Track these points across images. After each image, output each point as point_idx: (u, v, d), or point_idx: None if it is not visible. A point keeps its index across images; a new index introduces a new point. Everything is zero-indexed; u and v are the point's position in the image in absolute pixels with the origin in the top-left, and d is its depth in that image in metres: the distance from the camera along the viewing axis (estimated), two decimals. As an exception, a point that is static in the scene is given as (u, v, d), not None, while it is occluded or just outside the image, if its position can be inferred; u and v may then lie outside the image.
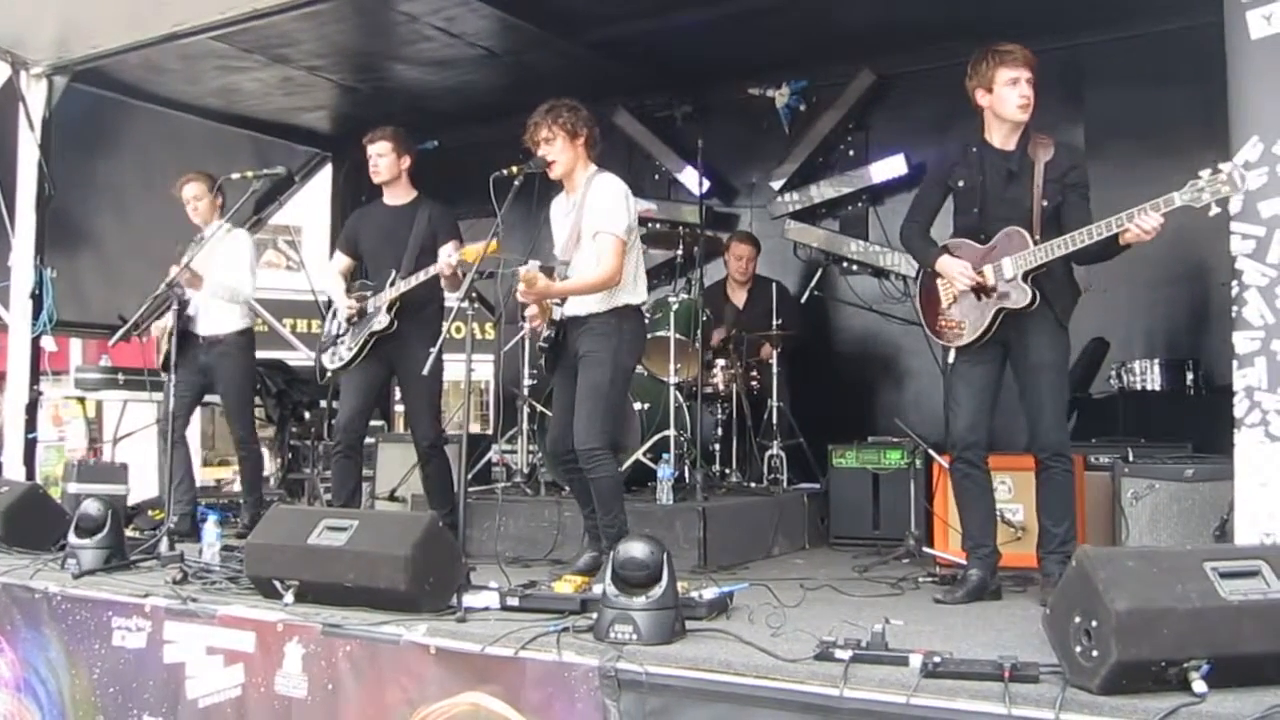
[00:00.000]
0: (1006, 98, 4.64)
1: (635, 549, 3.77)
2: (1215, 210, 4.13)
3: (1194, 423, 6.02)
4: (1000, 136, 4.75)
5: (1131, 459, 5.52)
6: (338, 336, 6.21)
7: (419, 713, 3.90)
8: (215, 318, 6.82)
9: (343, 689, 4.08)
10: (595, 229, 5.09)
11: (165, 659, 4.58)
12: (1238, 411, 4.12)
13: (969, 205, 4.80)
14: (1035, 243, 4.53)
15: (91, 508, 5.36)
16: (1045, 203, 4.60)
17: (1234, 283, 4.18)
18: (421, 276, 5.88)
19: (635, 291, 5.20)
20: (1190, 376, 6.76)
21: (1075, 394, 6.93)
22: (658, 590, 3.70)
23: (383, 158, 6.12)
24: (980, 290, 4.65)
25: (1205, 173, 4.10)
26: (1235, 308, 4.16)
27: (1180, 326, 7.06)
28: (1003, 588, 4.82)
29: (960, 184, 4.81)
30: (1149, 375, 6.83)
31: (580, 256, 5.17)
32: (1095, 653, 2.96)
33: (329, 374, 6.38)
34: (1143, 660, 2.91)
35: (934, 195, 4.96)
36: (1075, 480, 4.83)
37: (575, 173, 5.23)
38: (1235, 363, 4.15)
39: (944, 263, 4.75)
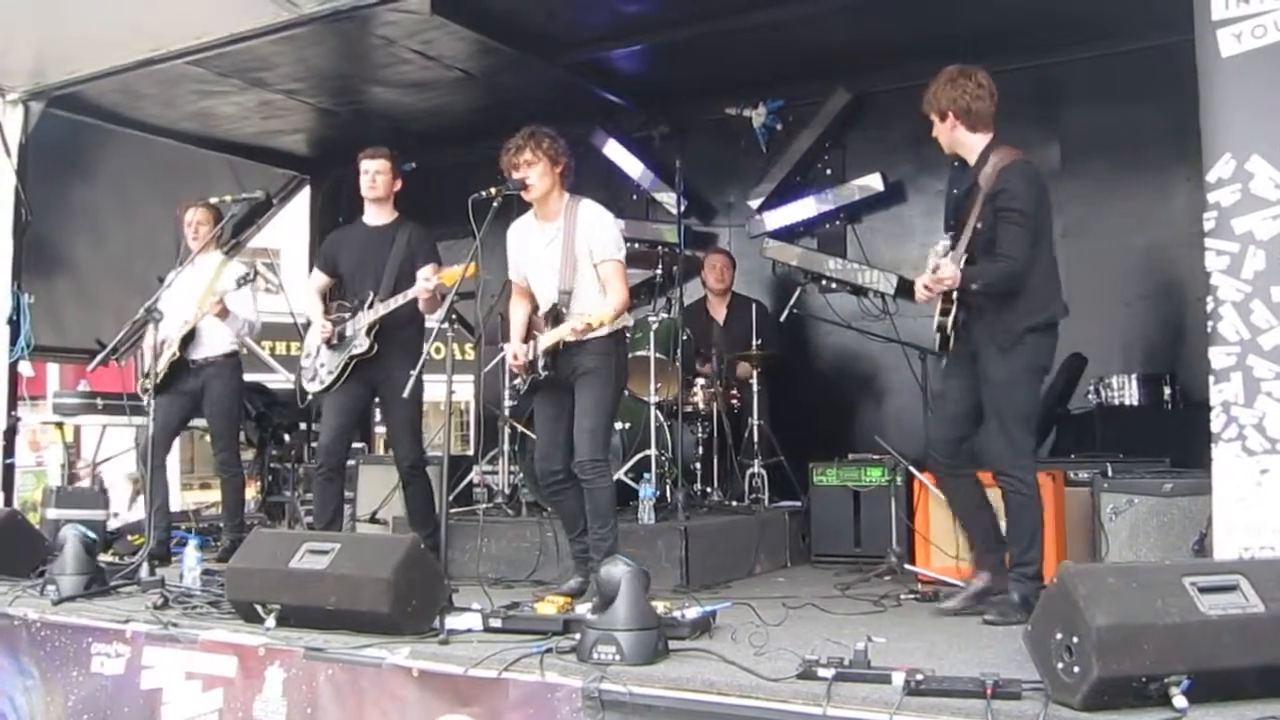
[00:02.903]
0: None
1: (616, 570, 3.78)
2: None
3: (1172, 437, 6.03)
4: (965, 156, 4.86)
5: (1110, 474, 5.54)
6: (316, 358, 6.20)
7: (400, 736, 3.88)
8: (207, 341, 6.82)
9: (322, 713, 4.06)
10: (599, 257, 5.15)
11: (142, 685, 4.55)
12: (1215, 426, 4.14)
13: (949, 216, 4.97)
14: (954, 263, 4.59)
15: (71, 533, 5.33)
16: (979, 225, 4.63)
17: (1209, 298, 4.20)
18: (400, 300, 5.88)
19: (626, 316, 5.27)
20: (1168, 391, 6.79)
21: (1054, 409, 6.97)
22: (638, 611, 3.70)
23: (381, 175, 6.14)
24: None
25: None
26: (1211, 323, 4.18)
27: (1157, 341, 7.10)
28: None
29: (953, 192, 4.97)
30: (1127, 390, 6.85)
31: (580, 283, 5.19)
32: (1076, 669, 2.98)
33: (310, 397, 6.36)
34: (1124, 676, 2.93)
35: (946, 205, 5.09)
36: (1030, 499, 4.69)
37: (551, 199, 5.25)
38: (1211, 378, 4.17)
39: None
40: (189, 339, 6.75)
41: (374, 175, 6.14)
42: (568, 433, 5.20)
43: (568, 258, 5.20)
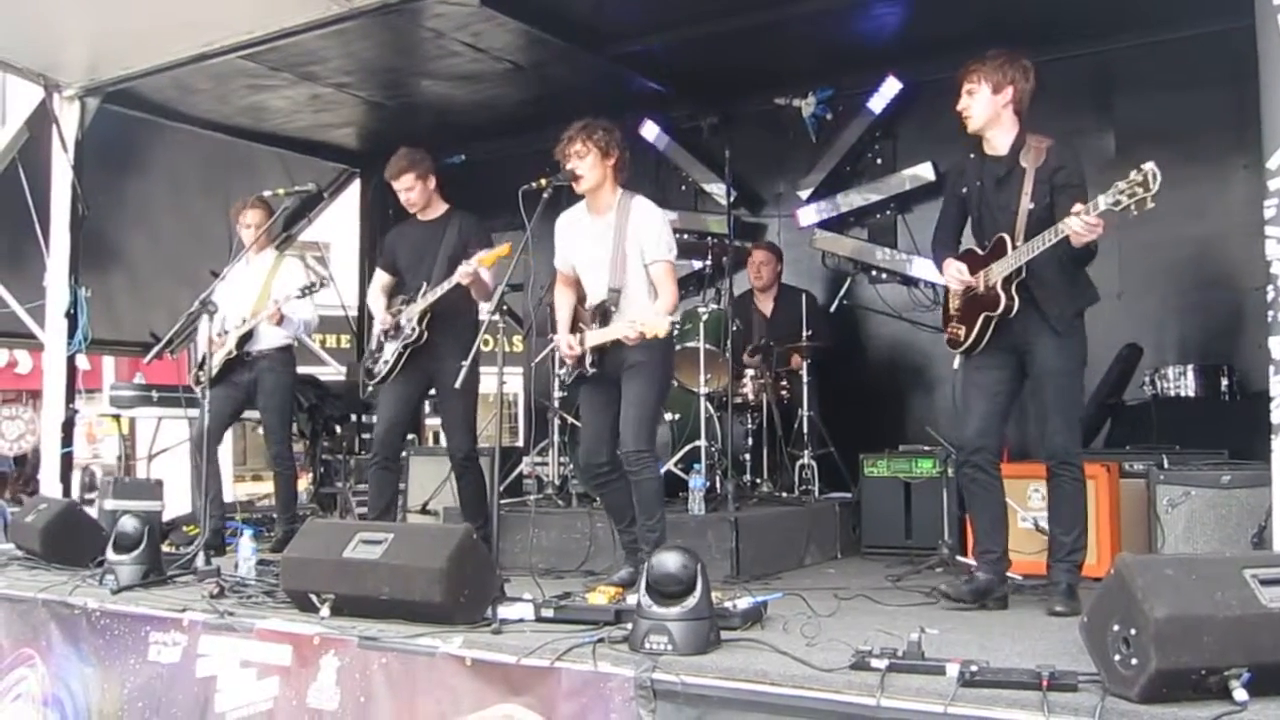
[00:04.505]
0: None
1: (669, 560, 3.78)
2: (1134, 213, 4.08)
3: (1229, 429, 5.95)
4: (992, 143, 4.79)
5: (1166, 466, 5.47)
6: (376, 352, 6.27)
7: (452, 725, 3.90)
8: (261, 335, 6.90)
9: (375, 701, 4.09)
10: (650, 257, 5.14)
11: (198, 673, 4.60)
12: (1275, 418, 4.08)
13: (970, 213, 4.89)
14: (1013, 248, 4.54)
15: (128, 524, 5.40)
16: (1032, 205, 4.56)
17: (1269, 288, 4.13)
18: (446, 286, 5.92)
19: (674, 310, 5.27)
20: (1225, 382, 6.69)
21: (1109, 401, 6.89)
22: (692, 601, 3.70)
23: (411, 191, 6.18)
24: (971, 295, 4.71)
25: (1133, 173, 4.06)
26: (1271, 312, 4.12)
27: (1214, 332, 6.99)
28: (1009, 596, 4.76)
29: (963, 191, 4.90)
30: (1183, 381, 6.75)
31: (631, 282, 5.19)
32: (1134, 661, 2.94)
33: (369, 388, 6.42)
34: (1182, 668, 2.89)
35: (949, 208, 5.05)
36: (1085, 489, 4.77)
37: (603, 192, 5.24)
38: (1271, 368, 4.11)
39: (945, 265, 4.85)
40: (246, 338, 6.83)
41: (404, 194, 6.20)
42: (613, 426, 5.21)
43: (618, 255, 5.20)
